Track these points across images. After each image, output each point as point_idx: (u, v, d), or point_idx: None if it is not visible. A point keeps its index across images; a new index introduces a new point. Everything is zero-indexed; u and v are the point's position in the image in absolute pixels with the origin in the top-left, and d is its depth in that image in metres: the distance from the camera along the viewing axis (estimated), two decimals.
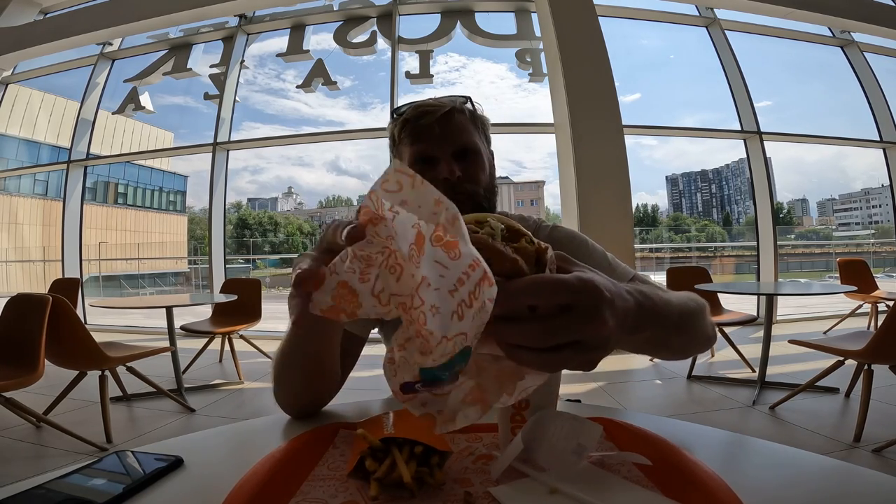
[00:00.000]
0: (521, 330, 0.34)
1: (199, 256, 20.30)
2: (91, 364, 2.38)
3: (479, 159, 0.83)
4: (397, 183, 0.32)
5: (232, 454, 0.60)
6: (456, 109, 0.82)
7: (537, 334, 0.34)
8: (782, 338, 3.04)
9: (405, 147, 0.82)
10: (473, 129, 0.84)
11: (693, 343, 0.61)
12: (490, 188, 0.84)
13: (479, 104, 0.88)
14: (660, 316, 0.45)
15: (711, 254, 25.76)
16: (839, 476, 0.48)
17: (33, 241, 16.47)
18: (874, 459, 1.94)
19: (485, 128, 0.87)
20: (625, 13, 5.63)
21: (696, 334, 0.60)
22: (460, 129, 0.81)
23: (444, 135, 0.79)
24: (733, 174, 45.52)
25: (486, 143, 0.87)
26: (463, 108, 0.83)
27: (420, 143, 0.80)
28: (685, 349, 0.62)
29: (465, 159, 0.81)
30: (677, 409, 2.68)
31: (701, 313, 0.60)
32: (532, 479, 0.46)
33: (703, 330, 0.61)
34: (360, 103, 58.67)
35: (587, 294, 0.35)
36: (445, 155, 0.79)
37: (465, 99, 0.86)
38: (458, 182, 0.78)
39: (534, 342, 0.34)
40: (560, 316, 0.34)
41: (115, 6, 5.59)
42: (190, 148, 6.51)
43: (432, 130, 0.79)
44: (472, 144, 0.82)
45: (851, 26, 5.75)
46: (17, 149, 14.46)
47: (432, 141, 0.79)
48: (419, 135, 0.80)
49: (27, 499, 0.43)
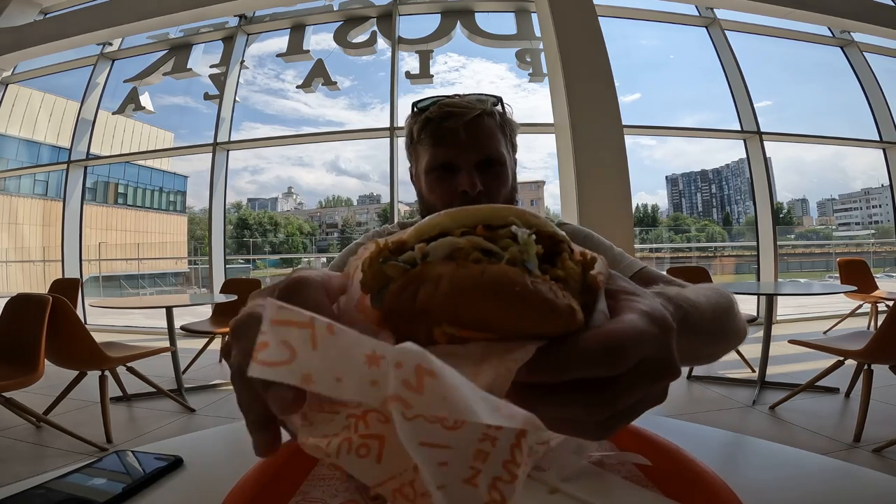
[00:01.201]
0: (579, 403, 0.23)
1: (199, 256, 20.30)
2: (91, 364, 2.38)
3: (504, 172, 0.75)
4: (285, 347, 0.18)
5: (232, 454, 0.60)
6: (486, 113, 0.74)
7: (600, 408, 0.23)
8: (782, 338, 3.04)
9: (424, 148, 0.75)
10: (501, 136, 0.76)
11: (725, 344, 0.51)
12: (510, 202, 0.77)
13: (509, 106, 0.79)
14: (694, 327, 0.37)
15: (711, 254, 25.74)
16: (839, 476, 0.48)
17: (33, 241, 16.46)
18: (874, 459, 1.94)
19: (513, 134, 0.80)
20: (625, 13, 5.63)
21: (728, 336, 0.50)
22: (487, 136, 0.74)
23: (470, 142, 0.72)
24: (733, 174, 45.51)
25: (511, 152, 0.79)
26: (493, 111, 0.75)
27: (441, 146, 0.73)
28: (716, 354, 0.51)
29: (488, 171, 0.74)
30: (677, 408, 2.68)
31: (731, 310, 0.51)
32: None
33: (734, 329, 0.52)
34: (360, 103, 58.73)
35: (660, 342, 0.25)
36: (468, 164, 0.72)
37: (497, 100, 0.77)
38: (477, 197, 0.71)
39: (595, 416, 0.24)
40: (627, 375, 0.23)
41: (115, 6, 5.59)
42: (190, 148, 6.51)
43: (457, 135, 0.72)
44: (498, 155, 0.74)
45: (851, 26, 5.75)
46: (17, 149, 14.46)
47: (456, 147, 0.72)
48: (442, 138, 0.73)
49: (27, 498, 0.43)
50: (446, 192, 0.73)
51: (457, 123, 0.71)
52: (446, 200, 0.73)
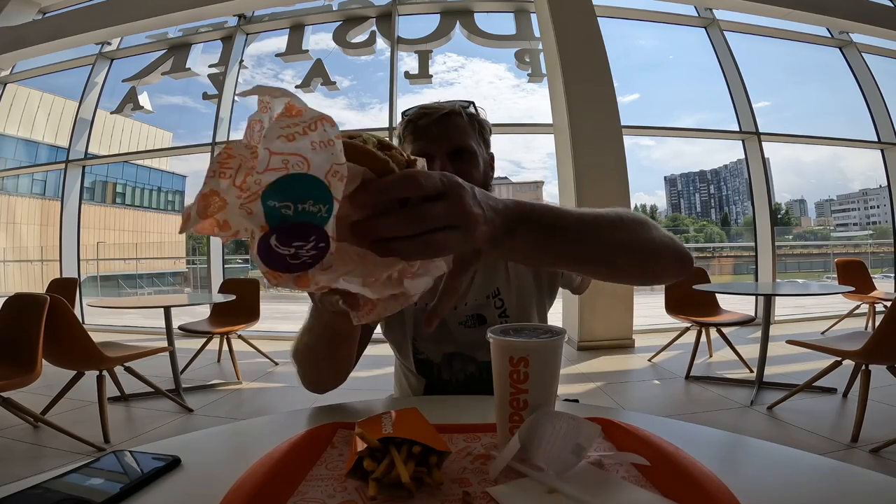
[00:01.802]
0: (394, 220, 0.35)
1: (197, 256, 20.26)
2: (89, 364, 2.38)
3: (474, 159, 0.87)
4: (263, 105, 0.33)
5: (230, 454, 0.60)
6: (454, 112, 0.86)
7: (410, 220, 0.36)
8: (780, 338, 3.05)
9: (408, 145, 0.87)
10: (471, 131, 0.88)
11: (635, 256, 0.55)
12: (483, 188, 0.83)
13: (482, 109, 0.92)
14: (537, 216, 0.46)
15: (710, 254, 25.76)
16: (837, 476, 0.48)
17: (31, 240, 16.44)
18: (872, 459, 1.94)
19: (483, 131, 0.91)
20: (624, 14, 5.63)
21: (626, 246, 0.54)
22: (457, 130, 0.86)
23: (441, 134, 0.85)
24: (732, 175, 45.59)
25: (483, 147, 0.91)
26: (462, 111, 0.88)
27: (419, 140, 0.86)
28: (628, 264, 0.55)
29: (459, 159, 0.85)
30: (675, 409, 2.68)
31: (630, 223, 0.55)
32: (530, 478, 0.46)
33: (638, 241, 0.55)
34: (359, 103, 58.70)
35: (450, 185, 0.38)
36: (441, 153, 0.84)
37: (468, 104, 0.90)
38: None
39: (407, 229, 0.36)
40: (428, 203, 0.37)
41: (114, 6, 5.58)
42: (188, 148, 6.49)
43: (430, 130, 0.85)
44: (466, 145, 0.86)
45: (850, 27, 5.76)
46: (15, 148, 14.44)
47: (429, 139, 0.85)
48: (419, 134, 0.86)
49: (25, 498, 0.43)
50: None
51: (430, 120, 0.85)
52: None
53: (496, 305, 0.90)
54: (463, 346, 0.91)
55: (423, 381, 0.95)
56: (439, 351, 0.92)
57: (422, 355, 0.93)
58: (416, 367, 0.93)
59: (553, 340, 0.50)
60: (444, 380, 0.93)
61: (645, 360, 3.71)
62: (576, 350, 4.11)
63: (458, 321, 0.90)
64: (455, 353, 0.91)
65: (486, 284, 0.90)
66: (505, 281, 0.90)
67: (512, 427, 0.51)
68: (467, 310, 0.90)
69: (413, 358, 0.93)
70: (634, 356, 3.92)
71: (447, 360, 0.92)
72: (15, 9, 6.03)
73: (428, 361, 0.93)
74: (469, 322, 0.90)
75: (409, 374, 0.97)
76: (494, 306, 0.90)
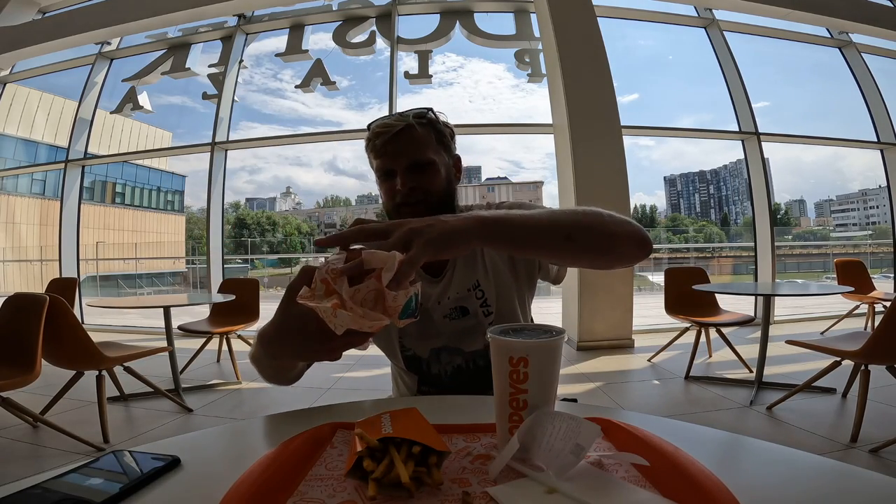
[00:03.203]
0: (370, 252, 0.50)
1: (196, 256, 20.26)
2: (88, 364, 2.38)
3: (432, 169, 0.90)
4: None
5: (229, 454, 0.59)
6: (409, 125, 0.89)
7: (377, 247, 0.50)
8: (780, 338, 3.05)
9: (373, 160, 0.93)
10: (430, 140, 0.91)
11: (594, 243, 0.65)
12: (446, 192, 0.93)
13: (441, 113, 0.95)
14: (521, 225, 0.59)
15: (709, 254, 25.81)
16: (836, 476, 0.48)
17: (30, 240, 16.43)
18: (871, 460, 1.95)
19: (442, 137, 0.94)
20: (623, 14, 5.63)
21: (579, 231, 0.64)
22: (414, 143, 0.89)
23: (398, 151, 0.89)
24: (731, 175, 45.61)
25: (445, 152, 0.95)
26: (416, 123, 0.90)
27: (379, 158, 0.91)
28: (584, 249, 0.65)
29: (418, 171, 0.89)
30: (675, 409, 2.68)
31: (581, 214, 0.65)
32: (530, 478, 0.46)
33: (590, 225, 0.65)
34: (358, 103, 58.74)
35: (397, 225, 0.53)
36: (400, 168, 0.89)
37: (425, 111, 0.93)
38: (409, 192, 0.88)
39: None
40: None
41: (114, 6, 5.57)
42: (188, 148, 6.49)
43: (387, 147, 0.89)
44: (423, 158, 0.90)
45: (849, 27, 5.77)
46: (14, 148, 14.43)
47: (388, 156, 0.90)
48: (378, 152, 0.91)
49: (24, 498, 0.43)
50: (389, 191, 0.91)
51: (386, 138, 0.89)
52: (390, 197, 0.91)
53: (477, 297, 0.94)
54: (449, 338, 0.94)
55: (414, 377, 0.98)
56: (426, 346, 0.95)
57: (409, 352, 0.96)
58: (406, 363, 0.97)
59: (553, 340, 0.50)
60: (433, 374, 0.96)
61: (644, 360, 3.71)
62: (575, 350, 4.11)
63: (442, 314, 0.94)
64: (442, 347, 0.95)
65: (466, 278, 0.94)
66: (483, 274, 0.95)
67: (511, 427, 0.51)
68: (450, 303, 0.94)
69: (401, 356, 0.96)
70: (634, 356, 3.92)
71: (434, 354, 0.95)
72: (15, 9, 6.03)
73: (416, 357, 0.96)
74: (453, 315, 0.94)
75: (402, 372, 1.01)
76: (475, 297, 0.94)
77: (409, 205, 0.90)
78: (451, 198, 0.95)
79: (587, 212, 0.66)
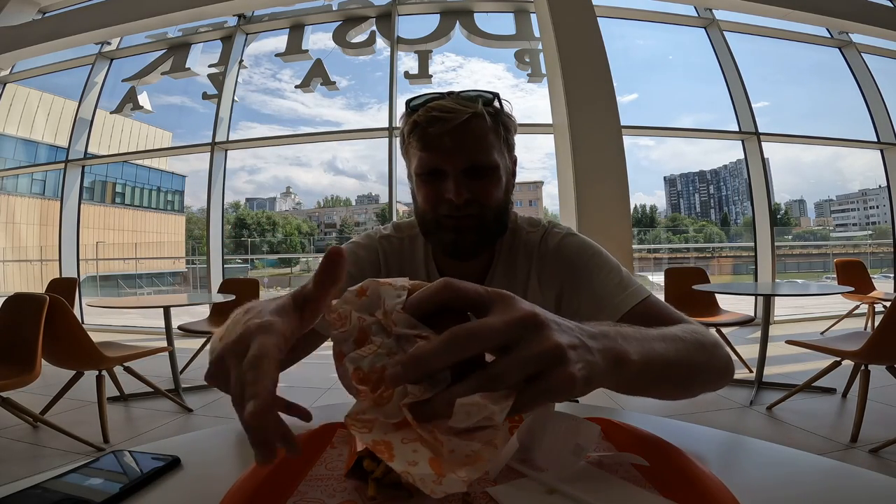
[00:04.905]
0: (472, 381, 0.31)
1: (196, 256, 20.27)
2: (88, 364, 2.37)
3: (494, 176, 0.74)
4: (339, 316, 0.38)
5: (229, 454, 0.59)
6: (475, 116, 0.70)
7: (490, 382, 0.31)
8: (780, 338, 3.05)
9: (414, 151, 0.74)
10: (494, 138, 0.73)
11: (696, 385, 0.59)
12: (502, 207, 0.76)
13: (507, 102, 0.76)
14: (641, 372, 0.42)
15: (709, 254, 25.81)
16: (836, 476, 0.48)
17: (30, 240, 16.42)
18: (871, 460, 1.95)
19: (508, 134, 0.77)
20: (623, 14, 5.64)
21: (698, 380, 0.58)
22: (476, 141, 0.71)
23: (456, 148, 0.70)
24: (731, 175, 45.61)
25: (507, 153, 0.78)
26: (483, 112, 0.72)
27: (427, 151, 0.72)
28: (687, 391, 0.59)
29: (476, 177, 0.72)
30: (675, 409, 2.68)
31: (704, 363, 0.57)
32: (530, 478, 0.46)
33: (707, 372, 0.58)
34: (357, 103, 58.70)
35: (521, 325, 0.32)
36: (455, 170, 0.71)
37: (492, 97, 0.74)
38: (463, 204, 0.71)
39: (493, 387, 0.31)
40: (502, 359, 0.31)
41: (114, 6, 5.57)
42: (188, 148, 6.50)
43: (443, 141, 0.70)
44: (486, 161, 0.72)
45: (849, 27, 5.77)
46: (14, 148, 14.42)
47: (441, 153, 0.71)
48: (428, 143, 0.71)
49: (24, 498, 0.43)
50: (433, 196, 0.73)
51: (443, 129, 0.69)
52: (433, 204, 0.74)
53: None
54: None
55: None
56: None
57: None
58: None
59: None
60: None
61: None
62: None
63: None
64: None
65: None
66: None
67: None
68: None
69: None
70: None
71: None
72: (15, 9, 6.03)
73: None
74: None
75: None
76: None
77: (455, 218, 0.72)
78: (506, 214, 0.78)
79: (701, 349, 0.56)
